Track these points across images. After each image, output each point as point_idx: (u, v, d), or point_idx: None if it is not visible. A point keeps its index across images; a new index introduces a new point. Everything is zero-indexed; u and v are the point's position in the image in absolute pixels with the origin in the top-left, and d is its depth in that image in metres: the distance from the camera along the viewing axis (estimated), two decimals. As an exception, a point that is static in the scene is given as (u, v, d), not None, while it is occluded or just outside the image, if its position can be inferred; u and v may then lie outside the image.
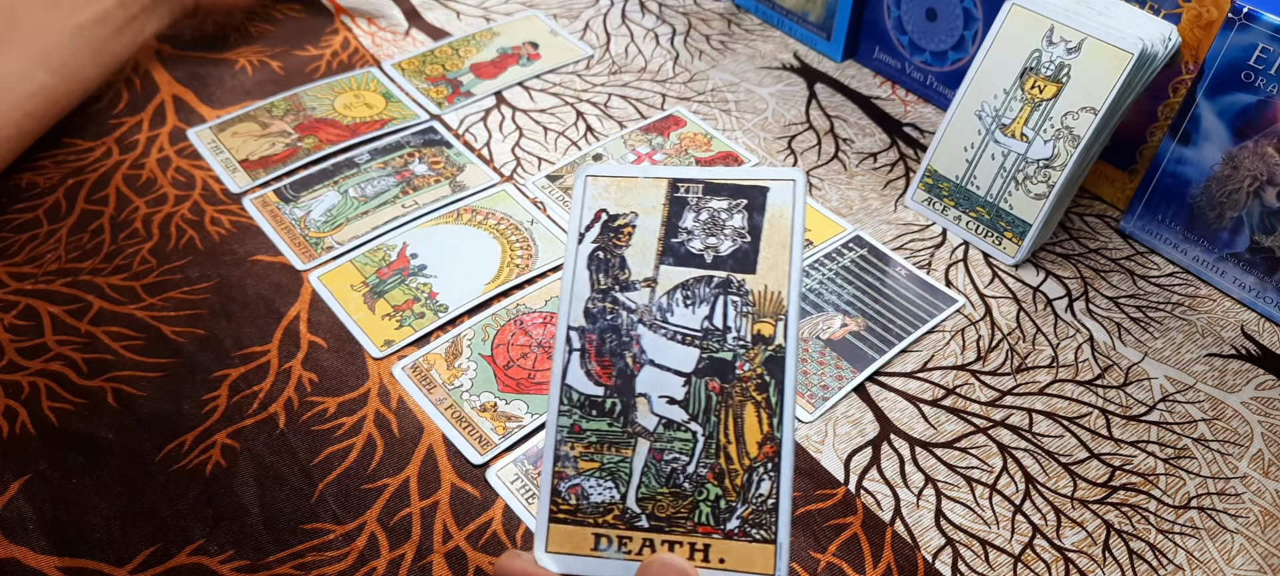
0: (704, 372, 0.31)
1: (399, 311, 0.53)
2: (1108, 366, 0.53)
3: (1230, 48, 0.52)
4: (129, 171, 0.61)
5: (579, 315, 0.33)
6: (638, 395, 0.32)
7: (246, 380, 0.49)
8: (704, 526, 0.31)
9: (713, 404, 0.31)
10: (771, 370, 0.31)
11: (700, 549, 0.30)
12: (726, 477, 0.31)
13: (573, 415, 0.32)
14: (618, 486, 0.31)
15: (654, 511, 0.31)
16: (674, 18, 0.79)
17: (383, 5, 0.78)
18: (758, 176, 0.33)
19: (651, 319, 0.32)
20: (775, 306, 0.32)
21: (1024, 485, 0.47)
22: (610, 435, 0.32)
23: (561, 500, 0.32)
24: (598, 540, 0.31)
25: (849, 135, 0.68)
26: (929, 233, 0.61)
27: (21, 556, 0.41)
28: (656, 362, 0.32)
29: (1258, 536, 0.45)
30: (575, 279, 0.33)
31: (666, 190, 0.33)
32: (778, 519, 0.30)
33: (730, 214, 0.33)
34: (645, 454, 0.31)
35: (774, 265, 0.32)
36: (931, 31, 0.69)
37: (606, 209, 0.33)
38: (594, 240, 0.33)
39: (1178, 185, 0.58)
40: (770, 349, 0.31)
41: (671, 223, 0.33)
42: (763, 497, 0.30)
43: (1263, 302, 0.57)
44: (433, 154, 0.64)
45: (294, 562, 0.42)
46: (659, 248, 0.33)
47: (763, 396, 0.31)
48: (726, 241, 0.32)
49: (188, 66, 0.70)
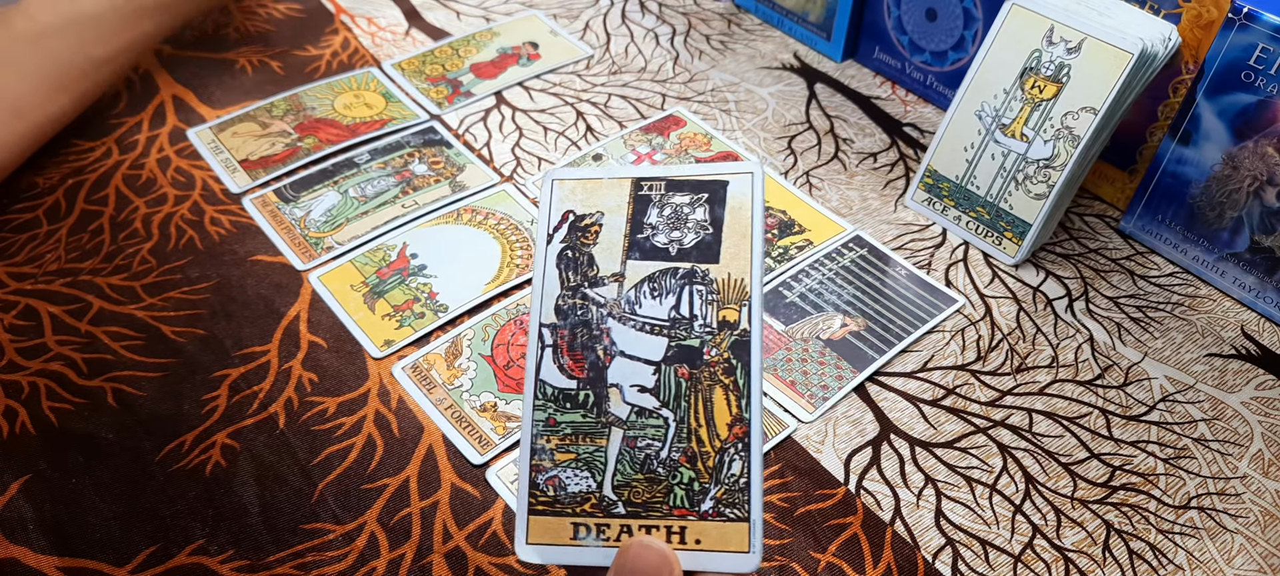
0: (673, 360, 0.32)
1: (399, 311, 0.53)
2: (1108, 366, 0.53)
3: (1230, 48, 0.52)
4: (129, 171, 0.61)
5: (550, 312, 0.34)
6: (610, 386, 0.33)
7: (246, 380, 0.49)
8: (679, 509, 0.31)
9: (682, 390, 0.32)
10: (738, 354, 0.32)
11: (676, 531, 0.31)
12: (699, 460, 0.32)
13: (547, 409, 0.33)
14: (593, 475, 0.32)
15: (630, 498, 0.32)
16: (674, 18, 0.79)
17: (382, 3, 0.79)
18: (717, 171, 0.34)
19: (620, 312, 0.33)
20: (739, 293, 0.33)
21: (1024, 485, 0.47)
22: (584, 426, 0.33)
23: (539, 492, 0.32)
24: (577, 529, 0.32)
25: (849, 135, 0.68)
26: (929, 233, 0.61)
27: (21, 556, 0.41)
28: (627, 353, 0.33)
29: (1258, 536, 0.45)
30: (545, 278, 0.34)
31: (630, 189, 0.34)
32: (749, 496, 0.31)
33: (692, 208, 0.34)
34: (619, 442, 0.32)
35: (737, 254, 0.33)
36: (931, 31, 0.69)
37: (573, 210, 0.35)
38: (562, 240, 0.34)
39: (1178, 185, 0.58)
40: (736, 333, 0.32)
41: (636, 219, 0.34)
42: (735, 477, 0.31)
43: (1263, 303, 0.57)
44: (433, 154, 0.64)
45: (294, 562, 0.42)
46: (625, 244, 0.34)
47: (730, 380, 0.32)
48: (690, 234, 0.33)
49: (188, 66, 0.70)
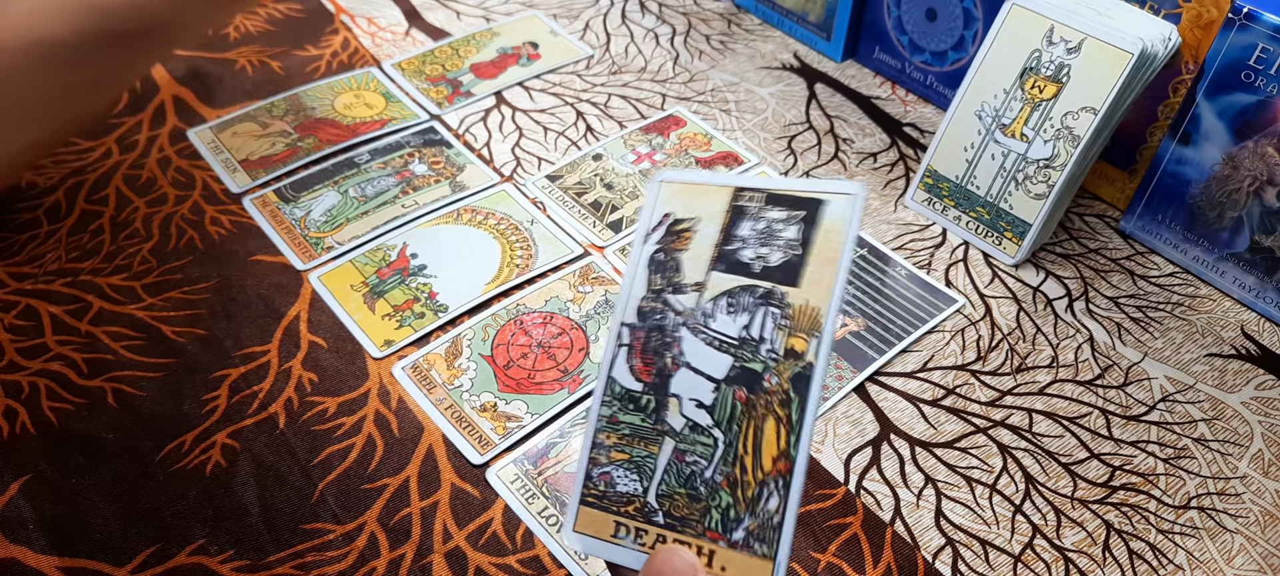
0: (734, 381, 0.32)
1: (399, 311, 0.53)
2: (1108, 366, 0.53)
3: (1230, 48, 0.52)
4: (129, 171, 0.61)
5: (633, 313, 0.34)
6: (671, 395, 0.32)
7: (246, 380, 0.49)
8: (712, 532, 0.31)
9: (737, 413, 0.31)
10: (797, 387, 0.31)
11: (706, 553, 0.31)
12: (739, 487, 0.31)
13: (613, 407, 0.33)
14: (641, 480, 0.32)
15: (670, 509, 0.32)
16: (674, 18, 0.79)
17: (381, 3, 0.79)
18: (817, 188, 0.33)
19: (695, 322, 0.33)
20: (811, 322, 0.31)
21: (1024, 485, 0.47)
22: (642, 430, 0.33)
23: (592, 485, 0.33)
24: (618, 527, 0.32)
25: (849, 135, 0.68)
26: (929, 233, 0.61)
27: (21, 556, 0.41)
28: (692, 366, 0.32)
29: (1258, 536, 0.45)
30: (635, 278, 0.34)
31: (730, 197, 0.34)
32: (780, 537, 0.30)
33: (785, 225, 0.33)
34: (670, 453, 0.32)
35: (818, 280, 0.32)
36: (931, 31, 0.69)
37: (673, 212, 0.34)
38: (657, 243, 0.34)
39: (1178, 185, 0.58)
40: (800, 365, 0.31)
41: (729, 230, 0.33)
42: (770, 514, 0.30)
43: (1263, 303, 0.57)
44: (433, 154, 0.64)
45: (294, 562, 0.42)
46: (713, 254, 0.33)
47: (784, 412, 0.31)
48: (777, 253, 0.32)
49: (188, 66, 0.70)
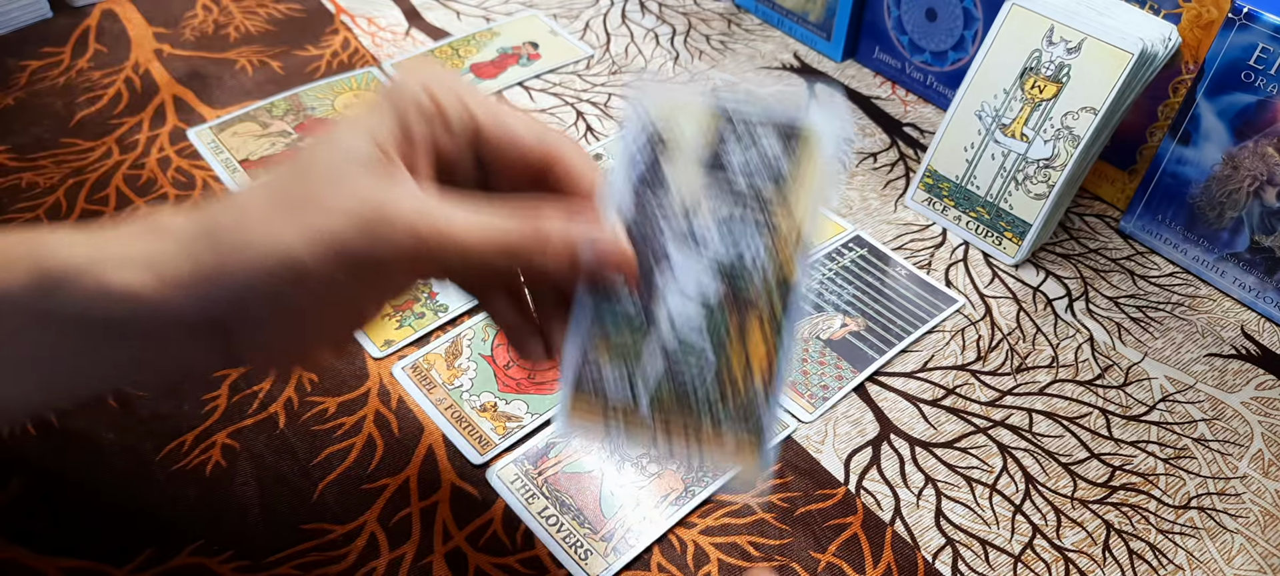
0: (724, 300, 0.33)
1: (399, 311, 0.53)
2: (1108, 366, 0.53)
3: (1230, 48, 0.52)
4: (129, 171, 0.61)
5: (621, 233, 0.34)
6: (663, 312, 0.34)
7: (246, 380, 0.49)
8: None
9: (726, 329, 0.33)
10: (784, 301, 0.33)
11: (693, 431, 0.33)
12: (731, 399, 0.33)
13: (603, 322, 0.34)
14: (632, 390, 0.33)
15: (661, 413, 0.33)
16: (674, 18, 0.79)
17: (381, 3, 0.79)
18: (800, 102, 0.34)
19: (687, 244, 0.34)
20: (796, 233, 0.33)
21: (1024, 485, 0.47)
22: (633, 345, 0.34)
23: (583, 384, 0.34)
24: (608, 424, 0.34)
25: (849, 135, 0.68)
26: (929, 233, 0.61)
27: (21, 556, 0.41)
28: (684, 287, 0.33)
29: (1258, 536, 0.45)
30: (621, 197, 0.34)
31: (713, 113, 0.34)
32: (764, 420, 0.33)
33: (768, 139, 0.34)
34: (661, 365, 0.33)
35: (802, 192, 0.33)
36: (931, 31, 0.69)
37: (656, 127, 0.34)
38: (642, 162, 0.34)
39: (1178, 185, 0.58)
40: (786, 277, 0.33)
41: (714, 145, 0.34)
42: (757, 415, 0.33)
43: (1263, 303, 0.57)
44: (433, 154, 0.64)
45: (294, 562, 0.42)
46: (698, 170, 0.34)
47: (770, 326, 0.33)
48: (762, 166, 0.34)
49: (188, 66, 0.70)
